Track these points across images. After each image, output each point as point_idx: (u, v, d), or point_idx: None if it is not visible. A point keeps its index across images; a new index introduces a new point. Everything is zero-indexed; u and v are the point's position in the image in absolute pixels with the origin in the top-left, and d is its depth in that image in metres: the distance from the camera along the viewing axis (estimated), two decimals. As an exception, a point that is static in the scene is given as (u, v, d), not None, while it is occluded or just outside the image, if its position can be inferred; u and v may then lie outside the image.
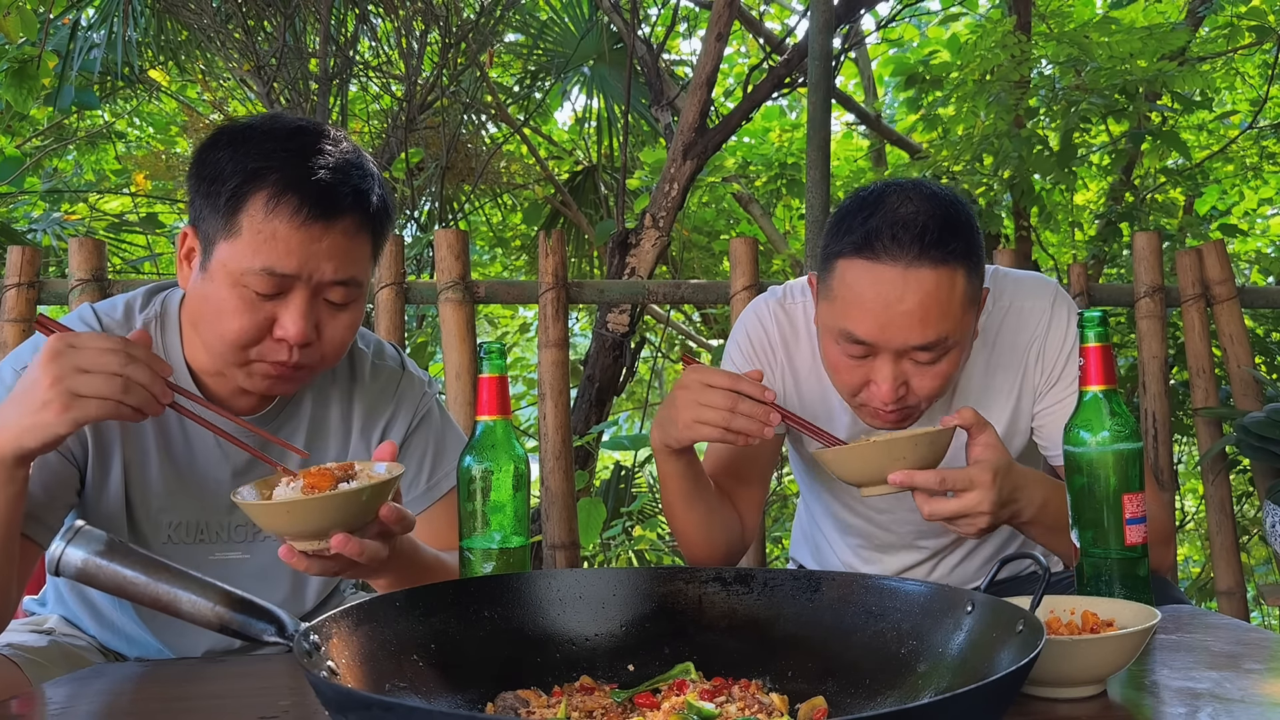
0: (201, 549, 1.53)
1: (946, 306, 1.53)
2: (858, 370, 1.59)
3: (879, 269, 1.52)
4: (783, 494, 5.09)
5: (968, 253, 1.54)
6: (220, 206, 1.39)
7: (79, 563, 1.02)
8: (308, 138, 1.43)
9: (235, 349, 1.41)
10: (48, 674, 1.42)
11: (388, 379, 1.65)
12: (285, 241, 1.37)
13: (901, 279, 1.51)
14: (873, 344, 1.55)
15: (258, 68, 4.21)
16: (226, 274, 1.39)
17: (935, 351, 1.55)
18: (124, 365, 1.27)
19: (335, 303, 1.44)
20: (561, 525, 2.60)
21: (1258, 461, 2.82)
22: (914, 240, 1.51)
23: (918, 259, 1.51)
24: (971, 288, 1.56)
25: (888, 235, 1.51)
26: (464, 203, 5.36)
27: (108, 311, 1.53)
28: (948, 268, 1.52)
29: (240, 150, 1.40)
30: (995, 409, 1.76)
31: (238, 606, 1.02)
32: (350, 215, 1.41)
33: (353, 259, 1.43)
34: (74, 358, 1.25)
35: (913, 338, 1.53)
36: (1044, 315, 1.75)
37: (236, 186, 1.38)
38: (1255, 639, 1.31)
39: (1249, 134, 5.31)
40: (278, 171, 1.38)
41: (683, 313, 6.05)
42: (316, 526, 1.24)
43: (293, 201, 1.37)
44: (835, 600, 1.12)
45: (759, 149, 6.15)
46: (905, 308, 1.51)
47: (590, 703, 1.03)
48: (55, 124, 5.79)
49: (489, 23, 4.73)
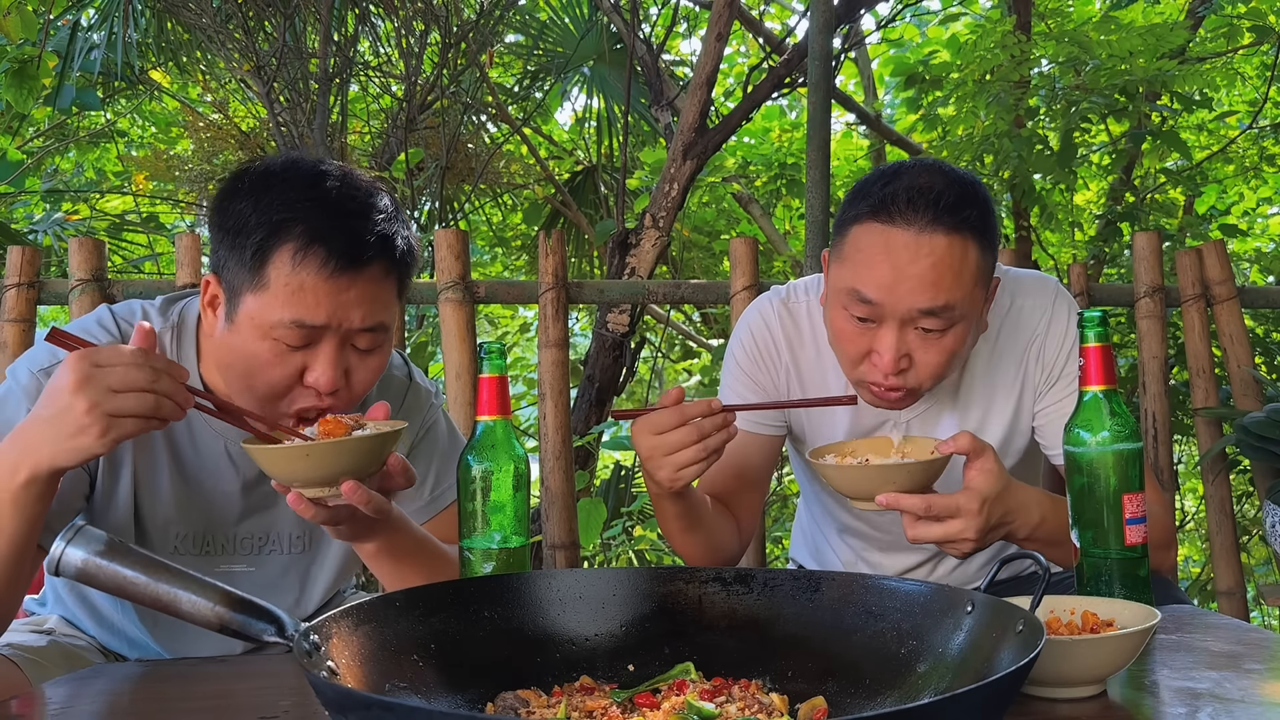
0: (207, 560, 1.53)
1: (957, 274, 1.53)
2: (862, 339, 1.59)
3: (893, 232, 1.54)
4: (783, 494, 5.09)
5: (982, 227, 1.56)
6: (246, 260, 1.38)
7: (79, 563, 1.02)
8: (331, 183, 1.42)
9: (268, 401, 1.42)
10: (47, 674, 1.43)
11: (396, 390, 1.65)
12: (314, 293, 1.37)
13: (914, 242, 1.53)
14: (879, 305, 1.55)
15: (258, 68, 4.21)
16: (254, 327, 1.39)
17: (941, 320, 1.55)
18: (152, 381, 1.26)
19: (364, 349, 1.44)
20: (561, 525, 2.60)
21: (1258, 461, 2.82)
22: (929, 205, 1.53)
23: (932, 224, 1.52)
24: (983, 264, 1.57)
25: (904, 200, 1.54)
26: (464, 203, 5.36)
27: (126, 316, 1.52)
28: (960, 236, 1.53)
29: (263, 201, 1.39)
30: (996, 407, 1.75)
31: (238, 606, 1.02)
32: (377, 262, 1.41)
33: (380, 304, 1.43)
34: (104, 379, 1.24)
35: (920, 300, 1.53)
36: (1044, 313, 1.75)
37: (262, 240, 1.37)
38: (1255, 639, 1.31)
39: (1248, 134, 5.31)
40: (303, 223, 1.37)
41: (683, 313, 6.05)
42: (331, 471, 1.28)
43: (320, 254, 1.36)
44: (835, 600, 1.12)
45: (759, 149, 6.14)
46: (916, 270, 1.52)
47: (590, 703, 1.03)
48: (56, 124, 5.79)
49: (489, 23, 4.73)
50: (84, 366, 1.25)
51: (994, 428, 1.76)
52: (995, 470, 1.45)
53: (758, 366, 1.81)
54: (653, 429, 1.49)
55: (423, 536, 1.50)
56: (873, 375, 1.60)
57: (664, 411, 1.49)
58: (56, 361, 1.45)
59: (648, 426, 1.50)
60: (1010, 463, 1.79)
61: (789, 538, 3.18)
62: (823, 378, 1.78)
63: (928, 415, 1.76)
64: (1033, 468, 1.87)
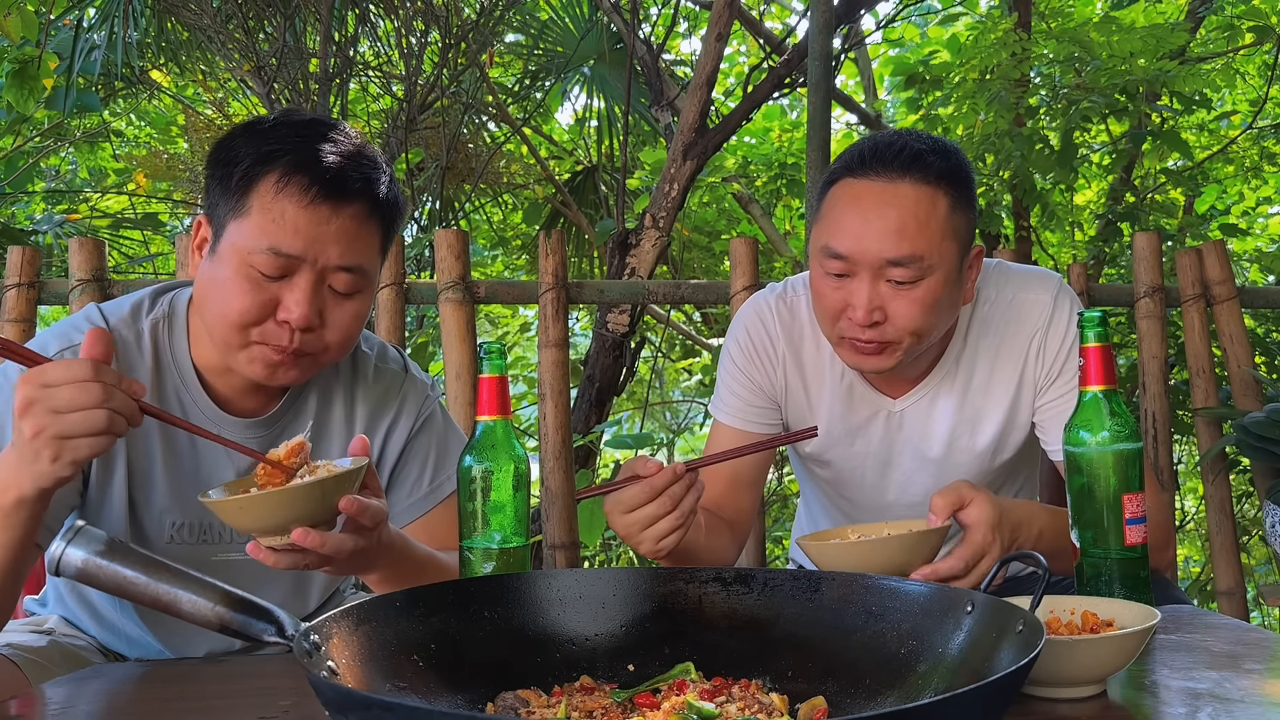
0: (204, 550, 1.53)
1: (925, 224, 1.57)
2: (836, 293, 1.62)
3: (862, 184, 1.60)
4: (783, 494, 5.09)
5: (952, 180, 1.60)
6: (232, 188, 1.42)
7: (79, 563, 1.03)
8: (321, 127, 1.46)
9: (237, 329, 1.42)
10: (47, 674, 1.43)
11: (391, 381, 1.65)
12: (293, 221, 1.39)
13: (881, 191, 1.58)
14: (849, 257, 1.58)
15: (258, 68, 4.21)
16: (234, 253, 1.40)
17: (910, 270, 1.57)
18: (103, 399, 1.21)
19: (340, 291, 1.44)
20: (561, 525, 2.60)
21: (1258, 461, 2.82)
22: (896, 156, 1.58)
23: (900, 174, 1.58)
24: (955, 219, 1.60)
25: (872, 153, 1.60)
26: (464, 202, 5.36)
27: (114, 311, 1.53)
28: (929, 187, 1.58)
29: (255, 137, 1.44)
30: (994, 400, 1.76)
31: (238, 606, 1.02)
32: (359, 201, 1.43)
33: (360, 246, 1.44)
34: (50, 400, 1.20)
35: (887, 249, 1.56)
36: (1046, 309, 1.75)
37: (248, 168, 1.41)
38: (1255, 639, 1.31)
39: (1249, 134, 5.31)
40: (290, 154, 1.40)
41: (683, 312, 6.05)
42: (274, 522, 1.23)
43: (301, 182, 1.39)
44: (835, 600, 1.12)
45: (760, 149, 6.14)
46: (883, 220, 1.57)
47: (590, 703, 1.03)
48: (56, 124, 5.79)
49: (489, 23, 4.73)
50: (29, 389, 1.20)
51: (990, 420, 1.76)
52: (986, 499, 1.45)
53: (753, 364, 1.81)
54: (623, 507, 1.45)
55: (425, 557, 1.49)
56: (850, 330, 1.62)
57: (633, 490, 1.44)
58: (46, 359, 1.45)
59: (618, 506, 1.45)
60: (1006, 456, 1.79)
61: (789, 538, 3.18)
62: (823, 368, 1.79)
63: (921, 405, 1.76)
64: (1030, 463, 1.87)
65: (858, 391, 1.78)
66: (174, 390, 1.52)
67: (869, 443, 1.80)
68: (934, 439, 1.77)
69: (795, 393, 1.81)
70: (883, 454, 1.80)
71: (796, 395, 1.81)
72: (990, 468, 1.79)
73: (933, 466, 1.78)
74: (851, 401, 1.78)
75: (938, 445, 1.77)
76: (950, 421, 1.76)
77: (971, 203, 1.63)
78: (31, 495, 1.26)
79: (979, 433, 1.77)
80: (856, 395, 1.78)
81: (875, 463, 1.81)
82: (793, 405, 1.82)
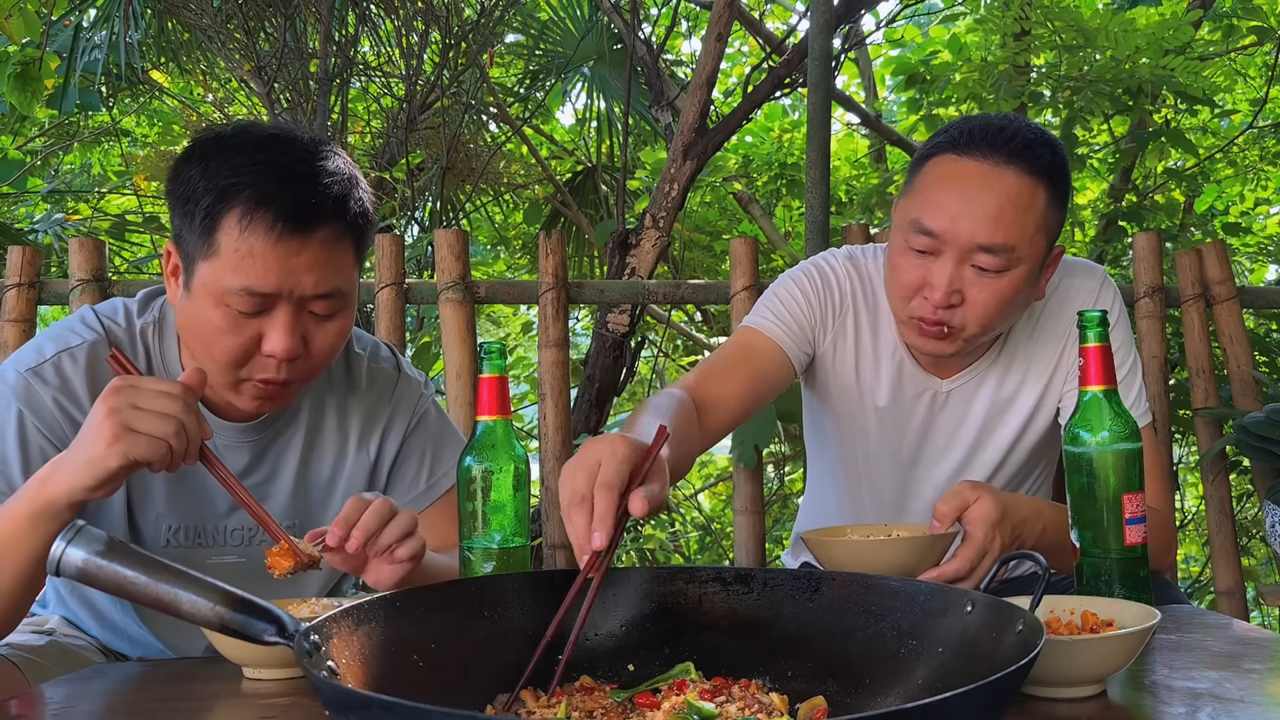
0: (200, 553, 1.53)
1: (1023, 215, 1.55)
2: (916, 270, 1.59)
3: (965, 163, 1.57)
4: (783, 494, 5.09)
5: (1053, 175, 1.57)
6: (196, 226, 1.37)
7: (79, 563, 1.02)
8: (279, 146, 1.40)
9: (226, 369, 1.41)
10: (47, 674, 1.42)
11: (384, 382, 1.65)
12: (263, 259, 1.35)
13: (985, 175, 1.55)
14: (940, 235, 1.56)
15: (258, 68, 4.21)
16: (208, 294, 1.38)
17: (999, 259, 1.55)
18: (180, 410, 1.26)
19: (321, 314, 1.42)
20: (561, 525, 2.60)
21: (1258, 461, 2.82)
22: (1006, 142, 1.55)
23: (1006, 161, 1.55)
24: (1049, 214, 1.58)
25: (980, 134, 1.57)
26: (464, 202, 5.36)
27: (109, 314, 1.53)
28: (1031, 178, 1.55)
29: (211, 166, 1.38)
30: (1030, 382, 1.76)
31: (238, 606, 1.02)
32: (328, 225, 1.38)
33: (334, 269, 1.40)
34: (132, 395, 1.25)
35: (980, 234, 1.54)
36: (1091, 295, 1.76)
37: (209, 205, 1.36)
38: (1255, 639, 1.31)
39: (1249, 134, 5.30)
40: (250, 187, 1.35)
41: (684, 312, 6.05)
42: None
43: (266, 218, 1.34)
44: (835, 600, 1.12)
45: (760, 149, 6.14)
46: (982, 204, 1.54)
47: (590, 703, 1.03)
48: (57, 124, 5.79)
49: (490, 23, 4.73)
50: (119, 382, 1.27)
51: (1024, 402, 1.77)
52: (988, 497, 1.44)
53: (817, 295, 1.77)
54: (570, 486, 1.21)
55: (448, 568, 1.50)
56: (922, 309, 1.60)
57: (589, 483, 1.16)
58: (44, 360, 1.45)
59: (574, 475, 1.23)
60: (1029, 443, 1.80)
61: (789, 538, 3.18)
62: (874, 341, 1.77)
63: (967, 388, 1.76)
64: (1049, 454, 1.87)
65: (907, 370, 1.77)
66: None
67: (912, 421, 1.79)
68: (971, 421, 1.78)
69: (842, 352, 1.79)
70: (921, 432, 1.80)
71: (844, 355, 1.79)
72: (1013, 454, 1.80)
73: (964, 448, 1.78)
74: (901, 379, 1.77)
75: (973, 427, 1.78)
76: (987, 404, 1.76)
77: (1066, 200, 1.62)
78: (63, 502, 1.26)
79: (1010, 414, 1.77)
80: (906, 373, 1.77)
81: (913, 440, 1.80)
82: (839, 368, 1.79)
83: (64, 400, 1.45)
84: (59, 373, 1.46)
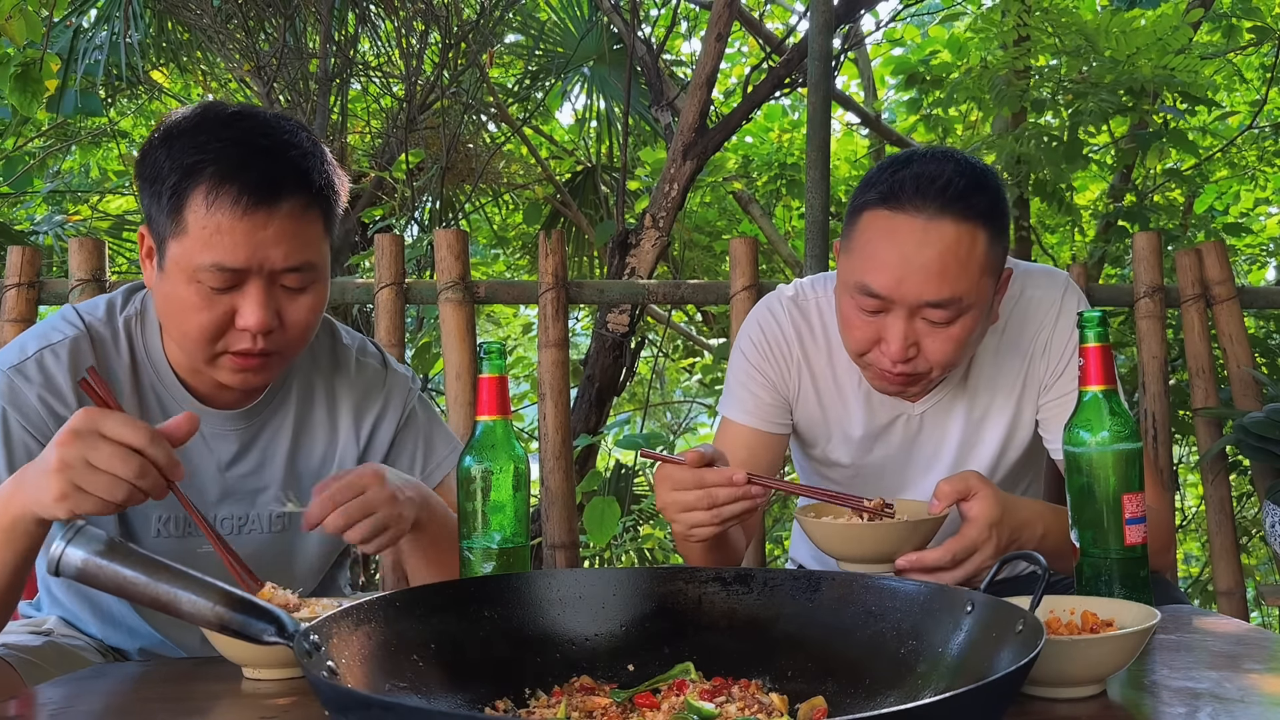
0: (190, 542, 1.53)
1: (965, 264, 1.52)
2: (869, 327, 1.58)
3: (899, 219, 1.53)
4: (782, 494, 5.08)
5: (991, 215, 1.54)
6: (164, 206, 1.38)
7: (79, 563, 1.02)
8: (242, 123, 1.41)
9: (201, 344, 1.42)
10: (44, 675, 1.42)
11: (373, 375, 1.67)
12: (230, 234, 1.36)
13: (922, 230, 1.52)
14: (887, 298, 1.54)
15: (258, 68, 4.21)
16: (180, 272, 1.39)
17: (949, 311, 1.54)
18: (136, 475, 1.22)
19: (293, 288, 1.43)
20: (561, 525, 2.60)
21: (1258, 461, 2.82)
22: (938, 194, 1.51)
23: (940, 212, 1.51)
24: (992, 254, 1.56)
25: (911, 188, 1.52)
26: (463, 202, 5.35)
27: (90, 311, 1.54)
28: (969, 225, 1.52)
29: (176, 146, 1.39)
30: (999, 399, 1.75)
31: (238, 606, 1.02)
32: (294, 197, 1.39)
33: (303, 242, 1.41)
34: (87, 448, 1.20)
35: (927, 293, 1.52)
36: (1053, 306, 1.74)
37: (176, 184, 1.37)
38: (1255, 639, 1.31)
39: (1248, 135, 5.30)
40: (214, 164, 1.36)
41: (684, 312, 6.05)
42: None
43: (231, 192, 1.36)
44: (835, 600, 1.12)
45: (760, 149, 6.14)
46: (923, 261, 1.51)
47: (590, 703, 1.03)
48: (57, 125, 5.79)
49: (489, 23, 4.73)
50: (83, 425, 1.22)
51: (998, 420, 1.76)
52: (991, 495, 1.44)
53: (767, 361, 1.79)
54: (671, 484, 1.46)
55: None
56: (881, 362, 1.60)
57: (682, 472, 1.45)
58: (27, 358, 1.46)
59: (668, 480, 1.46)
60: (1013, 456, 1.79)
61: (789, 537, 3.18)
62: (834, 376, 1.78)
63: (939, 408, 1.76)
64: (1036, 463, 1.87)
65: (876, 398, 1.76)
66: (151, 387, 1.52)
67: (888, 447, 1.79)
68: (948, 441, 1.77)
69: (807, 397, 1.80)
70: (901, 458, 1.80)
71: (808, 399, 1.80)
72: (999, 468, 1.79)
73: (944, 470, 1.78)
74: (871, 407, 1.77)
75: (951, 447, 1.77)
76: (962, 422, 1.76)
77: (1006, 230, 1.60)
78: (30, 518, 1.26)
79: (986, 432, 1.76)
80: (876, 401, 1.77)
81: (894, 466, 1.80)
82: (804, 408, 1.81)
83: (48, 396, 1.46)
84: (42, 369, 1.46)
